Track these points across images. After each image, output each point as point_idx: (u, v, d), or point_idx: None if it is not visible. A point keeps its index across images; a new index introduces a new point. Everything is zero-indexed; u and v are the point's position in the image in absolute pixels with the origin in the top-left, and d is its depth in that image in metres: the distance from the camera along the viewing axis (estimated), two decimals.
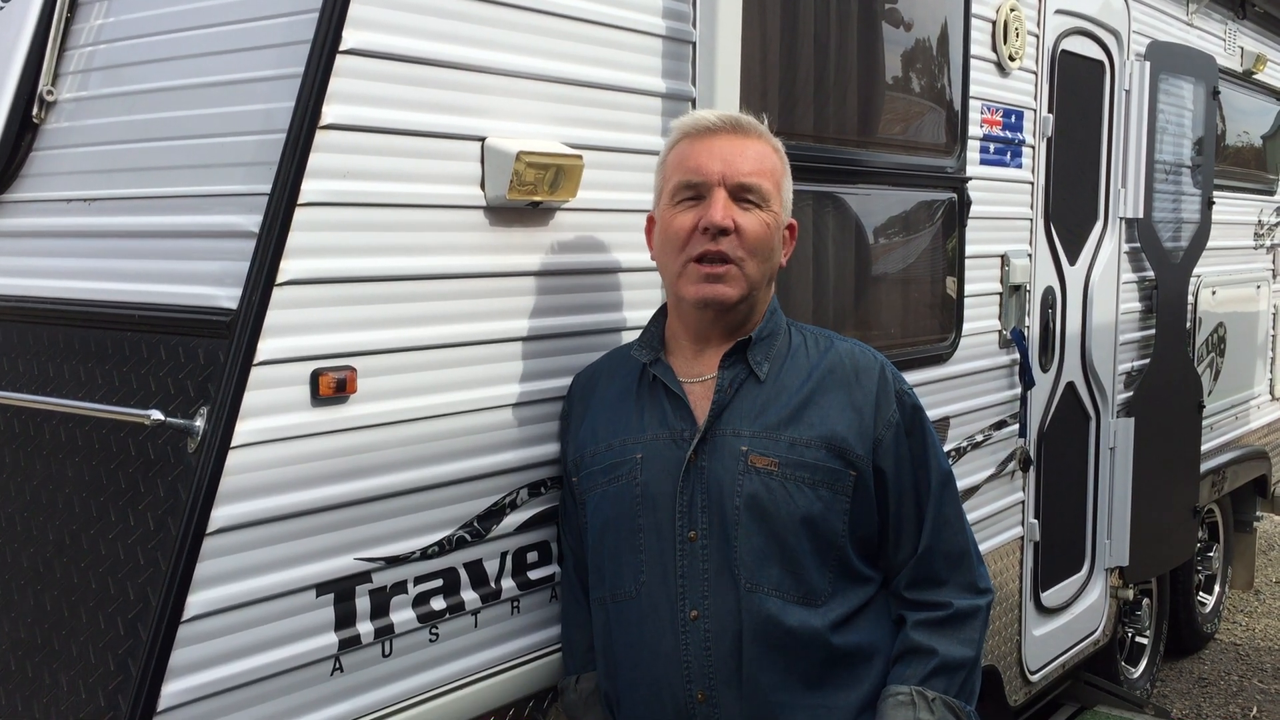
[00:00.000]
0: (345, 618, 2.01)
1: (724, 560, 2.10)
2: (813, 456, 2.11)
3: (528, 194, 2.18)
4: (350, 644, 2.02)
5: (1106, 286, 4.47)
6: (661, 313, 2.26)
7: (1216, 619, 6.19)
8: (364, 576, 2.04)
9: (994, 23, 3.65)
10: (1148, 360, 4.82)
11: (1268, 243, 6.20)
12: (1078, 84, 4.21)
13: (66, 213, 2.32)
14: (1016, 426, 3.97)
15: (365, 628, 2.04)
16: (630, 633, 2.17)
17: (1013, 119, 3.81)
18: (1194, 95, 5.01)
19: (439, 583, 2.16)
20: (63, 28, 2.39)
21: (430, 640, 2.16)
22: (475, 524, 2.21)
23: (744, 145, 2.13)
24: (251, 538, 1.87)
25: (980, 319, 3.73)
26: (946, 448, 3.54)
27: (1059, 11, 4.04)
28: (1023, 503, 4.05)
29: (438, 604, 2.16)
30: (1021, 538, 4.06)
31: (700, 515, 2.11)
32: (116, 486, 1.96)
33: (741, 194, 2.11)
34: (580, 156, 2.26)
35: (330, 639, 2.00)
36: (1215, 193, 5.27)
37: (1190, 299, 5.19)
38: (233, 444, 1.84)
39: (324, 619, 1.98)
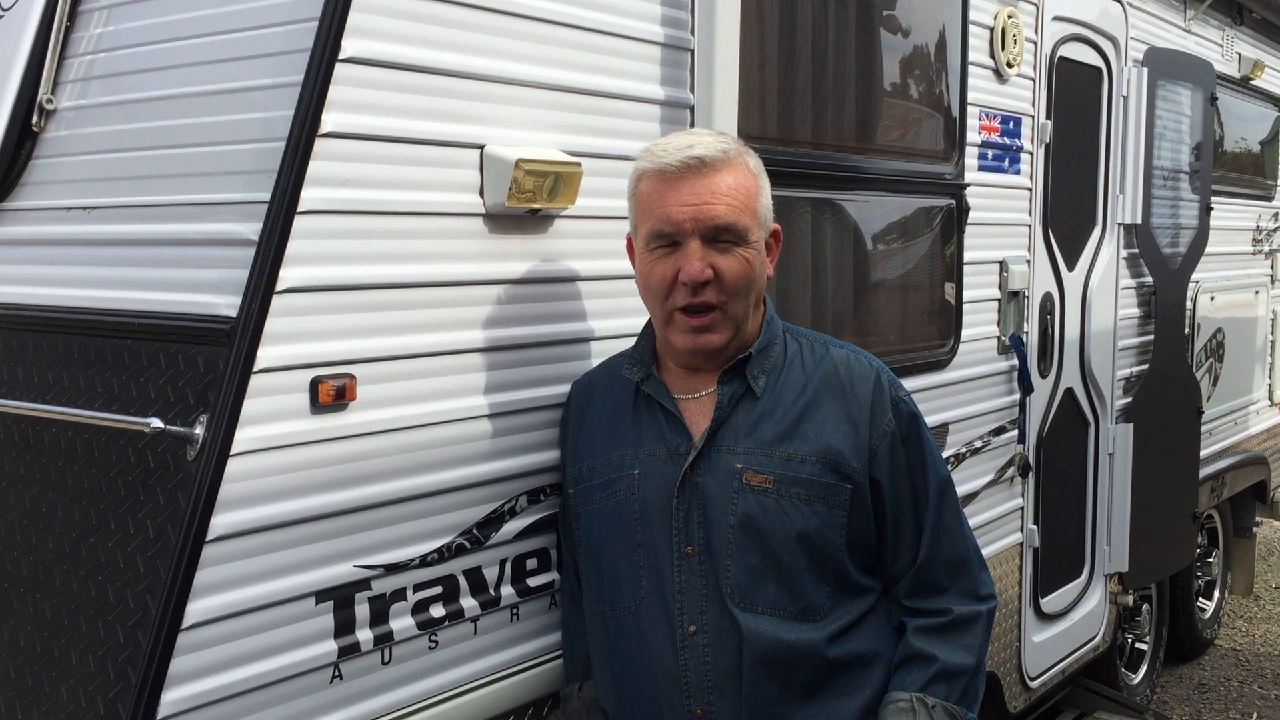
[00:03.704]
0: (345, 625, 2.01)
1: (719, 578, 2.09)
2: (808, 472, 2.10)
3: (526, 201, 2.18)
4: (350, 651, 2.02)
5: (1105, 292, 4.47)
6: (651, 326, 2.24)
7: (1216, 625, 6.19)
8: (363, 584, 2.04)
9: (992, 29, 3.66)
10: (1146, 366, 4.83)
11: (1266, 248, 6.21)
12: (1076, 90, 4.22)
13: (66, 221, 2.32)
14: (1015, 432, 3.97)
15: (365, 635, 2.04)
16: (629, 647, 2.17)
17: (1011, 125, 3.81)
18: (1192, 101, 5.02)
19: (438, 590, 2.16)
20: (63, 36, 2.39)
21: (430, 647, 2.16)
22: (475, 531, 2.21)
23: (712, 183, 2.06)
24: (251, 545, 1.87)
25: (979, 325, 3.74)
26: (945, 454, 3.54)
27: (1057, 18, 4.05)
28: (1022, 509, 4.06)
29: (437, 611, 2.16)
30: (1021, 544, 4.07)
31: (697, 531, 2.11)
32: (116, 494, 1.97)
33: (716, 235, 2.06)
34: (579, 164, 2.26)
35: (330, 646, 2.00)
36: (1213, 198, 5.27)
37: (1189, 305, 5.19)
38: (232, 451, 1.84)
39: (323, 626, 1.98)
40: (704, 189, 2.06)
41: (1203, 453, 5.33)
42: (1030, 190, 3.97)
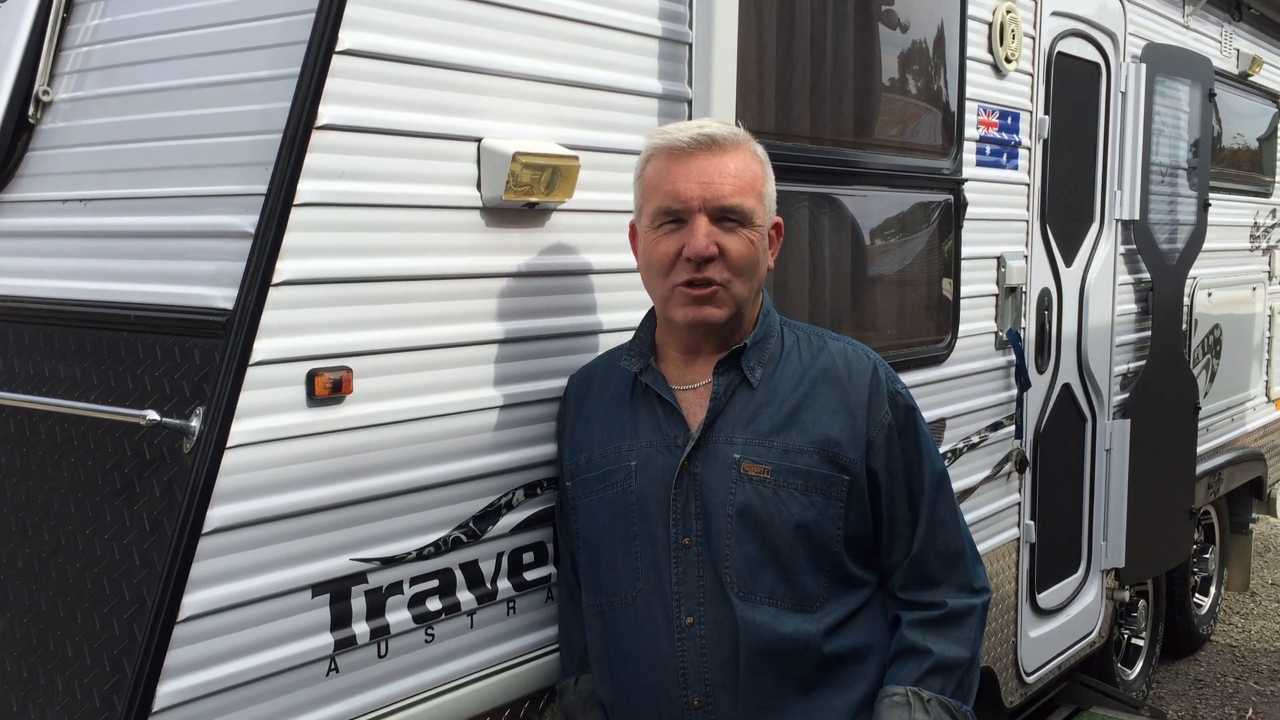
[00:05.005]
0: (341, 618, 2.01)
1: (717, 568, 2.10)
2: (805, 463, 2.10)
3: (524, 195, 2.18)
4: (346, 644, 2.02)
5: (1102, 288, 4.47)
6: (650, 317, 2.25)
7: (1212, 621, 6.20)
8: (360, 577, 2.04)
9: (990, 24, 3.66)
10: (1144, 362, 4.83)
11: (1264, 244, 6.21)
12: (1074, 86, 4.22)
13: (62, 213, 2.32)
14: (1013, 428, 3.97)
15: (361, 628, 2.04)
16: (626, 639, 2.17)
17: (1009, 121, 3.81)
18: (1190, 97, 5.02)
19: (435, 583, 2.16)
20: (59, 28, 2.39)
21: (426, 641, 2.16)
22: (471, 525, 2.21)
23: (721, 163, 2.08)
24: (247, 538, 1.87)
25: (976, 320, 3.74)
26: (943, 449, 3.54)
27: (1055, 13, 4.04)
28: (1019, 504, 4.06)
29: (433, 605, 2.16)
30: (1018, 539, 4.07)
31: (694, 523, 2.11)
32: (112, 487, 1.96)
33: (723, 215, 2.07)
34: (576, 157, 2.26)
35: (326, 639, 1.99)
36: (1211, 195, 5.27)
37: (1186, 301, 5.19)
38: (228, 444, 1.84)
39: (319, 619, 1.98)
40: (713, 168, 2.07)
41: (1199, 449, 5.33)
42: (1028, 186, 3.96)
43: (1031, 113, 3.93)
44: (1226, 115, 5.66)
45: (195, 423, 1.85)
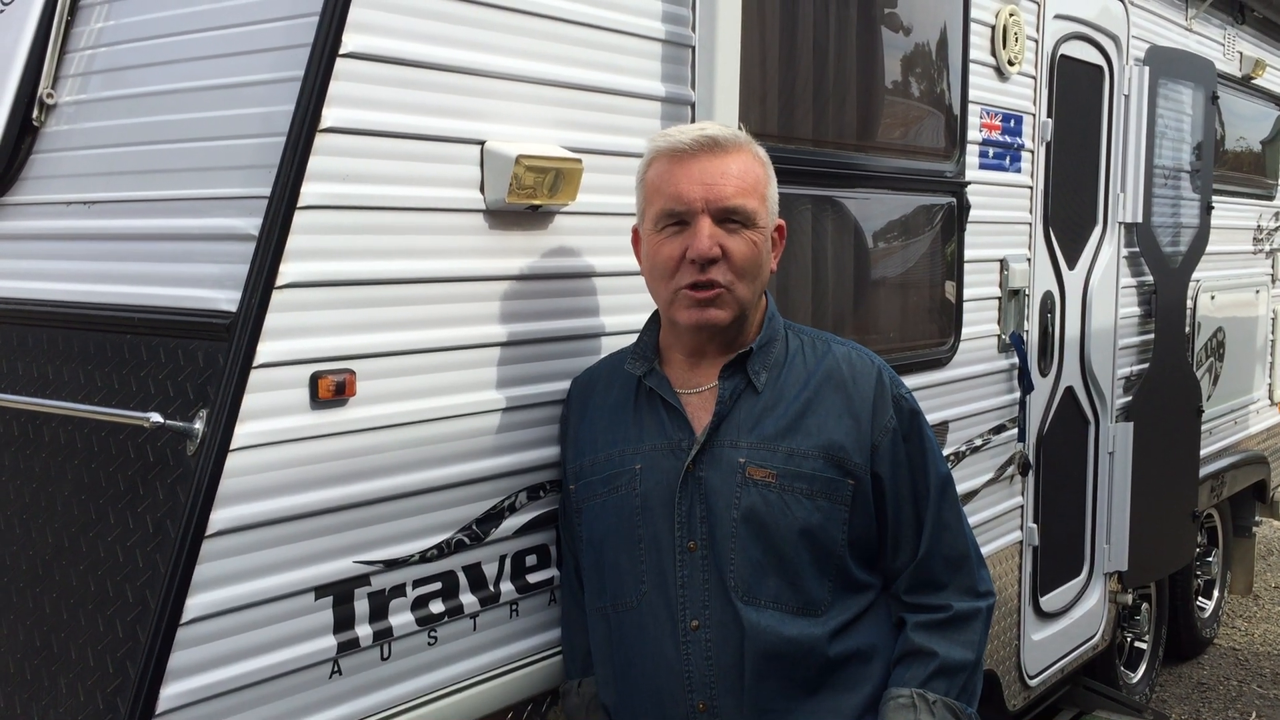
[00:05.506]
0: (344, 621, 2.01)
1: (722, 572, 2.10)
2: (810, 467, 2.10)
3: (527, 197, 2.18)
4: (349, 647, 2.02)
5: (1105, 291, 4.47)
6: (654, 320, 2.26)
7: (1215, 624, 6.19)
8: (363, 580, 2.04)
9: (993, 27, 3.66)
10: (1147, 365, 4.83)
11: (1267, 247, 6.20)
12: (1077, 89, 4.22)
13: (66, 215, 2.32)
14: (1015, 431, 3.97)
15: (364, 631, 2.04)
16: (631, 643, 2.17)
17: (1012, 123, 3.81)
18: (1193, 100, 5.02)
19: (438, 586, 2.16)
20: (63, 30, 2.39)
21: (429, 643, 2.16)
22: (474, 527, 2.21)
23: (724, 164, 2.08)
24: (250, 540, 1.87)
25: (979, 323, 3.74)
26: (945, 452, 3.54)
27: (1058, 16, 4.04)
28: (1022, 507, 4.05)
29: (436, 607, 2.16)
30: (1020, 542, 4.07)
31: (699, 526, 2.11)
32: (116, 489, 1.96)
33: (726, 217, 2.07)
34: (580, 160, 2.26)
35: (329, 642, 2.00)
36: (1214, 198, 5.27)
37: (1189, 304, 5.19)
38: (232, 446, 1.84)
39: (323, 622, 1.98)
40: (715, 170, 2.07)
41: (1202, 452, 5.33)
42: (1031, 188, 3.96)
43: (1034, 115, 3.93)
44: (1229, 118, 5.66)
45: (199, 425, 1.85)
